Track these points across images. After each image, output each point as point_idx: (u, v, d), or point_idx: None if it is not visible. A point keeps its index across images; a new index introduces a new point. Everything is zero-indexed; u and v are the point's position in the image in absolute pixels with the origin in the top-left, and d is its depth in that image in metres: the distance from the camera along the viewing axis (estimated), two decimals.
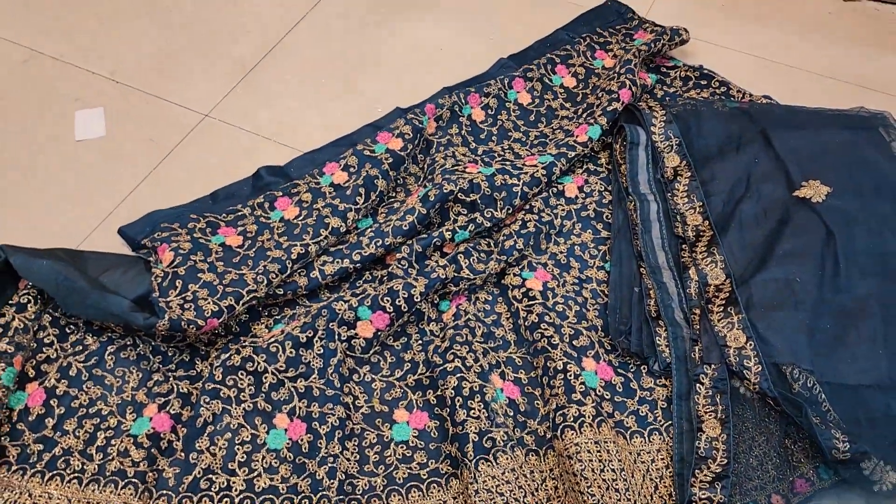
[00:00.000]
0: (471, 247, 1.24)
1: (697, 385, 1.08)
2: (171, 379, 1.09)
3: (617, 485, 0.97)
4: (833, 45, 1.67)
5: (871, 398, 1.06)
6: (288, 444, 1.03)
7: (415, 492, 1.01)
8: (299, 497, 0.98)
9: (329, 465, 1.00)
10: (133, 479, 0.99)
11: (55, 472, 1.00)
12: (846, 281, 1.16)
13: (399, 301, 1.14)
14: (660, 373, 1.12)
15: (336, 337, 1.11)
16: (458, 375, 1.07)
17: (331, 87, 1.54)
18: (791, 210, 1.25)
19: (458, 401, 1.05)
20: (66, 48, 1.58)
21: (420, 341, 1.16)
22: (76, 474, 1.00)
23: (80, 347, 1.11)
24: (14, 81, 1.51)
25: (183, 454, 1.00)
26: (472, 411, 1.04)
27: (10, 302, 1.12)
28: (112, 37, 1.62)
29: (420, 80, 1.54)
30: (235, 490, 0.99)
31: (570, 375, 1.08)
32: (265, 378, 1.07)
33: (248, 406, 1.05)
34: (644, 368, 1.14)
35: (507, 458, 1.01)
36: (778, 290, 1.15)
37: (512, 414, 1.07)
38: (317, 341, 1.10)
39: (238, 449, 1.01)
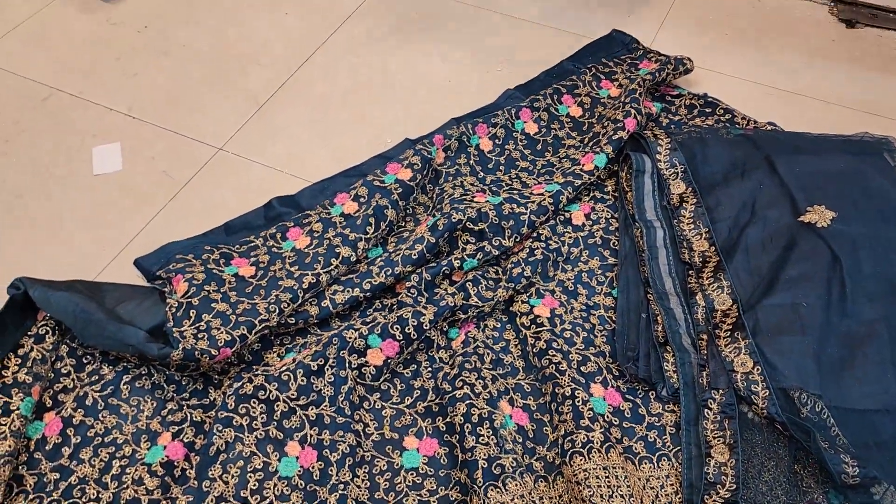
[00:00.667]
0: (479, 274, 1.25)
1: (706, 410, 1.08)
2: (184, 408, 1.11)
3: None
4: (836, 72, 1.69)
5: (880, 422, 1.06)
6: (299, 471, 1.04)
7: None
8: None
9: (340, 492, 1.01)
10: None
11: (71, 500, 1.01)
12: (853, 305, 1.17)
13: (408, 329, 1.15)
14: (668, 398, 1.13)
15: (347, 365, 1.12)
16: (468, 402, 1.08)
17: (341, 120, 1.58)
18: (796, 235, 1.26)
19: (468, 427, 1.06)
20: (84, 86, 1.63)
21: (430, 368, 1.17)
22: (91, 502, 1.01)
23: (97, 377, 1.14)
24: (35, 118, 1.56)
25: (196, 482, 1.01)
26: (482, 437, 1.05)
27: (29, 333, 1.15)
28: (129, 74, 1.66)
29: (429, 112, 1.57)
30: None
31: (579, 401, 1.08)
32: (277, 406, 1.08)
33: (261, 434, 1.06)
34: (652, 394, 1.14)
35: (517, 485, 1.01)
36: (784, 314, 1.16)
37: (521, 440, 1.08)
38: (328, 369, 1.11)
39: (250, 476, 1.03)
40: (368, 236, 1.28)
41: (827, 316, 1.15)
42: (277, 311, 1.15)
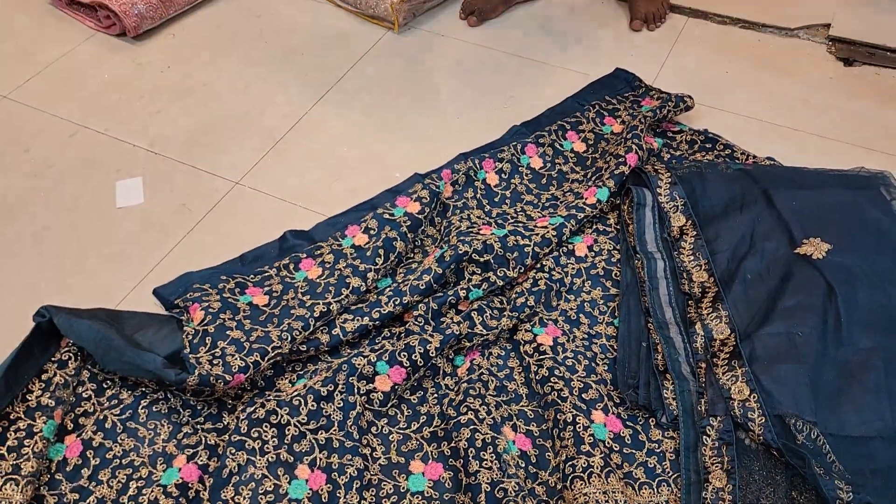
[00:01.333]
0: (484, 304, 1.30)
1: (704, 437, 1.11)
2: (199, 431, 1.15)
3: None
4: (834, 109, 1.74)
5: (876, 449, 1.08)
6: (308, 493, 1.07)
7: None
8: None
9: None
10: None
11: None
12: (848, 335, 1.20)
13: (415, 356, 1.19)
14: (667, 425, 1.16)
15: (355, 391, 1.16)
16: (472, 427, 1.12)
17: (353, 155, 1.64)
18: (793, 267, 1.30)
19: (471, 452, 1.09)
20: (110, 123, 1.70)
21: (435, 395, 1.21)
22: None
23: (116, 401, 1.18)
24: (62, 153, 1.63)
25: (209, 503, 1.05)
26: (485, 462, 1.08)
27: (53, 359, 1.20)
28: (152, 112, 1.74)
29: (437, 147, 1.63)
30: None
31: (580, 427, 1.12)
32: (288, 430, 1.12)
33: (272, 457, 1.10)
34: (652, 421, 1.17)
35: None
36: (780, 343, 1.19)
37: (523, 465, 1.11)
38: (337, 395, 1.16)
39: (261, 498, 1.06)
40: (378, 267, 1.33)
41: (822, 345, 1.18)
42: (290, 338, 1.20)
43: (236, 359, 1.16)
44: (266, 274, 1.36)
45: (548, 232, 1.38)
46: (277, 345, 1.19)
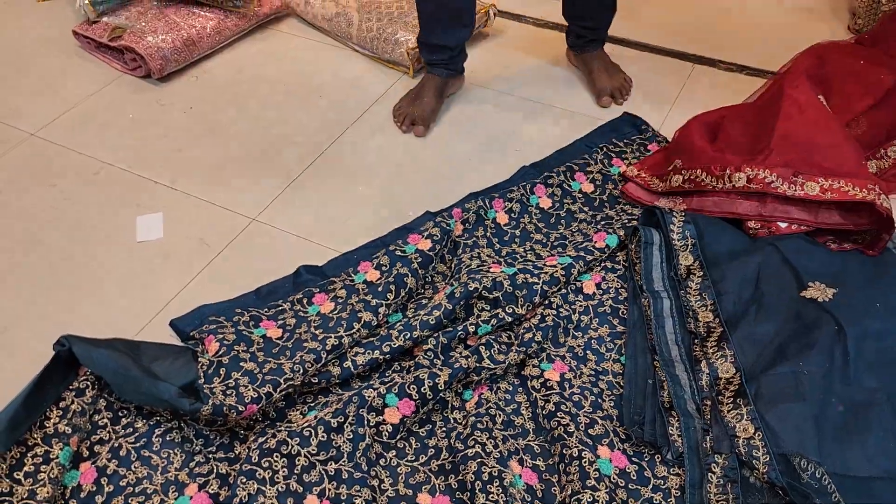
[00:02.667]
0: (492, 339, 1.32)
1: (709, 474, 1.12)
2: (211, 460, 1.17)
3: None
4: None
5: (881, 489, 1.09)
6: None
7: None
8: None
9: None
10: None
11: None
12: (855, 374, 1.21)
13: (424, 389, 1.21)
14: (673, 462, 1.17)
15: (365, 423, 1.18)
16: (479, 461, 1.13)
17: (367, 194, 1.68)
18: (799, 308, 1.31)
19: (478, 485, 1.11)
20: (133, 161, 1.76)
21: (444, 428, 1.22)
22: None
23: (131, 430, 1.21)
24: (86, 189, 1.69)
25: None
26: (492, 495, 1.10)
27: (71, 387, 1.23)
28: (174, 150, 1.80)
29: (449, 187, 1.67)
30: None
31: (586, 462, 1.13)
32: (298, 461, 1.14)
33: (282, 487, 1.12)
34: (658, 457, 1.18)
35: None
36: (786, 383, 1.20)
37: (529, 499, 1.12)
38: (347, 426, 1.18)
39: None
40: (389, 302, 1.36)
41: (828, 384, 1.19)
42: (302, 370, 1.22)
43: (249, 390, 1.19)
44: (280, 308, 1.39)
45: (556, 271, 1.41)
46: (290, 377, 1.21)
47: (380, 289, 1.38)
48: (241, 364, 1.25)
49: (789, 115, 1.52)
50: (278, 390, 1.20)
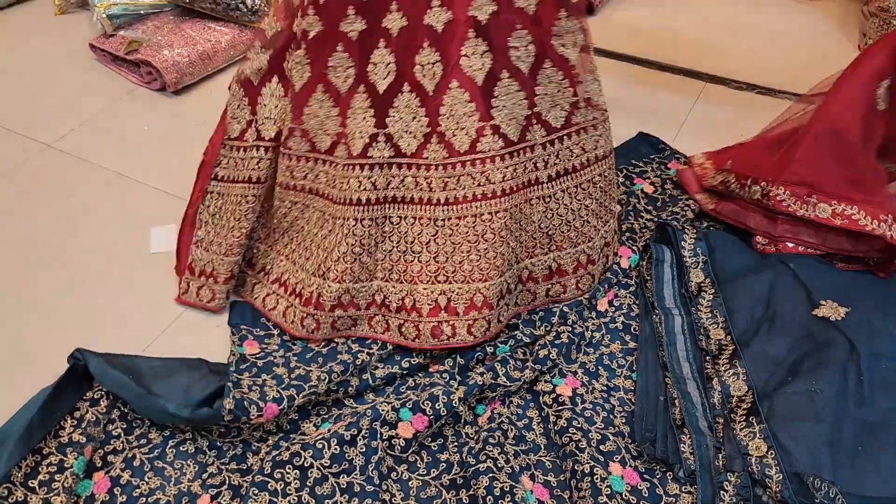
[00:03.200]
0: (508, 356, 1.32)
1: (721, 492, 1.12)
2: (223, 471, 1.18)
3: None
4: None
5: None
6: None
7: None
8: None
9: None
10: None
11: None
12: (869, 393, 1.20)
13: (438, 405, 1.22)
14: (685, 479, 1.17)
15: (378, 436, 1.19)
16: (490, 475, 1.14)
17: None
18: (812, 327, 1.31)
19: (489, 500, 1.11)
20: (146, 172, 1.78)
21: (456, 443, 1.23)
22: None
23: (145, 440, 1.21)
24: (101, 200, 1.70)
25: None
26: None
27: (85, 398, 1.24)
28: (188, 161, 1.81)
29: None
30: None
31: (597, 478, 1.13)
32: (310, 473, 1.15)
33: (293, 499, 1.12)
34: (669, 475, 1.18)
35: None
36: (799, 401, 1.20)
37: None
38: (360, 440, 1.18)
39: None
40: None
41: (842, 404, 1.19)
42: (328, 379, 1.24)
43: (273, 389, 1.20)
44: None
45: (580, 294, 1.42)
46: (314, 384, 1.22)
47: None
48: (274, 368, 1.28)
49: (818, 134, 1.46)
50: (301, 395, 1.21)
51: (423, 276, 1.30)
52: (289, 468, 1.14)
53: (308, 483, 1.14)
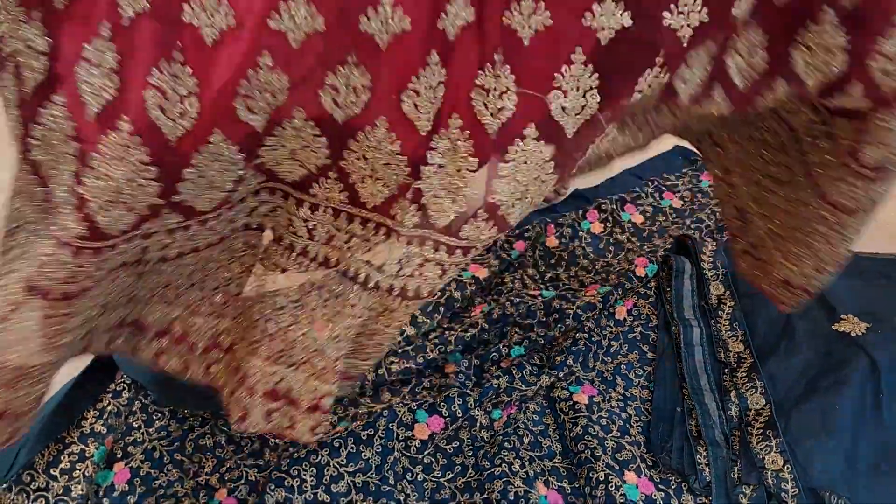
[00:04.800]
0: (524, 360, 1.33)
1: None
2: (241, 466, 1.19)
3: None
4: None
5: None
6: None
7: None
8: None
9: None
10: None
11: None
12: (888, 411, 1.20)
13: (454, 407, 1.23)
14: (700, 491, 1.16)
15: (394, 437, 1.20)
16: (504, 480, 1.14)
17: None
18: (832, 342, 1.31)
19: None
20: None
21: (471, 446, 1.23)
22: None
23: (164, 433, 1.23)
24: None
25: None
26: None
27: (108, 389, 1.26)
28: None
29: None
30: None
31: (612, 487, 1.13)
32: (327, 471, 1.16)
33: (309, 496, 1.13)
34: (685, 486, 1.18)
35: None
36: (817, 417, 1.19)
37: None
38: (376, 439, 1.19)
39: None
40: (432, 321, 1.36)
41: (860, 420, 1.19)
42: None
43: None
44: None
45: (594, 298, 1.41)
46: None
47: (429, 308, 1.38)
48: None
49: None
50: None
51: None
52: (305, 465, 1.16)
53: (324, 481, 1.15)
